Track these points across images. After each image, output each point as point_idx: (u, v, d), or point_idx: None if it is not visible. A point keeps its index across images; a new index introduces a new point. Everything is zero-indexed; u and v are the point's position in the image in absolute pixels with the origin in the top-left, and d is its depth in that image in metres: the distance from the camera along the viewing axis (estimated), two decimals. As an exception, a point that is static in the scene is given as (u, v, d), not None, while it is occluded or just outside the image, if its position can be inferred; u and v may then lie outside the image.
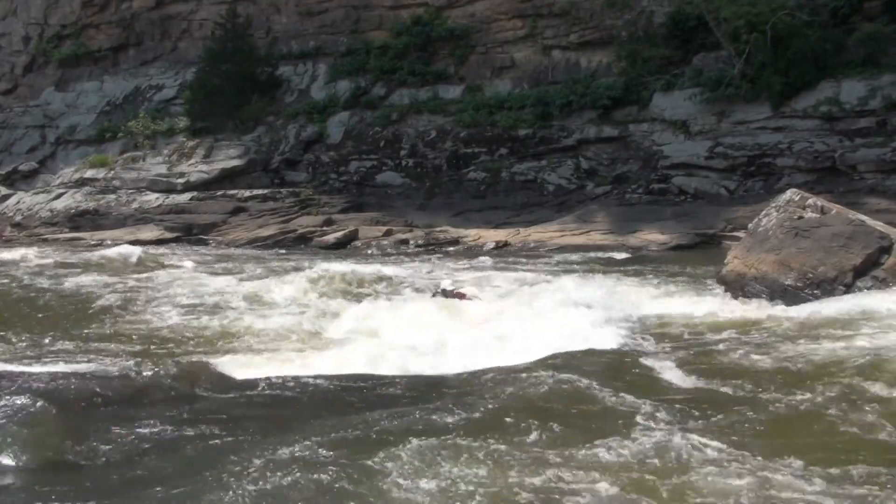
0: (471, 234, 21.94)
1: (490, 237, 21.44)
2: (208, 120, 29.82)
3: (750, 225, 11.98)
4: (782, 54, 22.37)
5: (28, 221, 27.10)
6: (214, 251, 21.57)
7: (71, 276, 15.01)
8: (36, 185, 30.93)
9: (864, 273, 9.99)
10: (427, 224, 23.29)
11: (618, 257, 18.00)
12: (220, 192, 26.35)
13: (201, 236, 23.74)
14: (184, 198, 26.39)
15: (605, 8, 26.52)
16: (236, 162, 27.79)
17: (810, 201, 11.18)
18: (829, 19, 23.20)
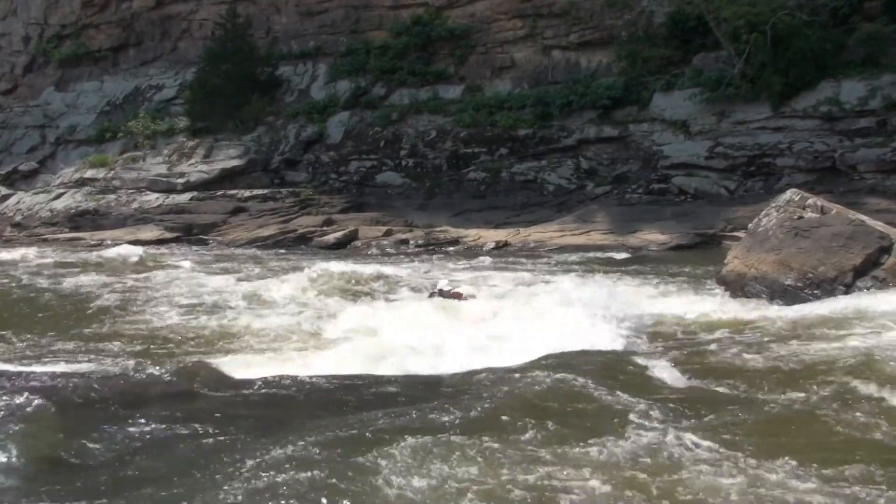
0: (471, 234, 21.92)
1: (490, 237, 21.42)
2: (208, 120, 29.81)
3: (750, 225, 11.98)
4: (782, 54, 22.35)
5: (28, 221, 27.08)
6: (214, 251, 21.57)
7: (70, 276, 15.01)
8: (36, 185, 30.92)
9: (864, 273, 9.99)
10: (427, 224, 23.27)
11: (618, 257, 17.95)
12: (220, 192, 26.34)
13: (201, 236, 23.72)
14: (184, 198, 26.38)
15: (605, 8, 26.50)
16: (236, 162, 27.78)
17: (810, 201, 11.18)
18: (829, 19, 23.17)
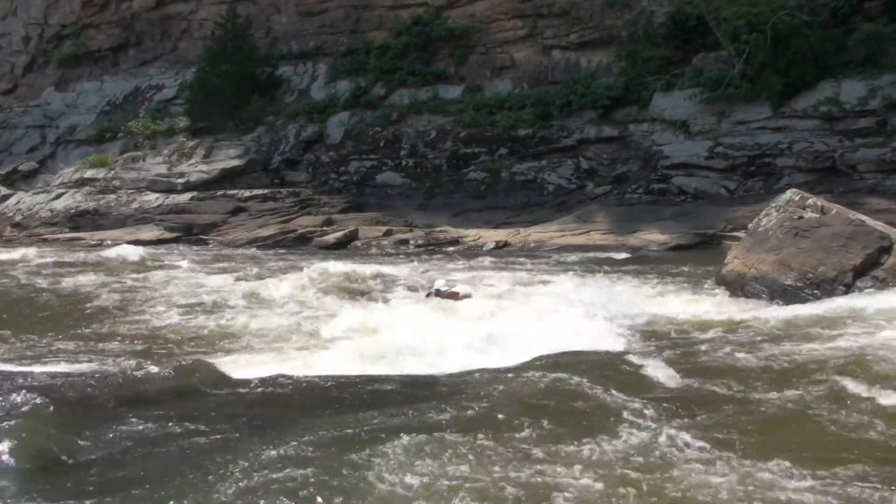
0: (471, 234, 21.92)
1: (490, 237, 21.42)
2: (208, 120, 29.81)
3: (750, 225, 11.99)
4: (782, 54, 22.34)
5: (28, 221, 27.09)
6: (214, 251, 21.59)
7: (70, 276, 15.02)
8: (36, 185, 30.92)
9: (864, 273, 10.01)
10: (427, 224, 23.27)
11: (617, 257, 17.92)
12: (220, 192, 26.33)
13: (201, 236, 23.73)
14: (184, 198, 26.38)
15: (605, 8, 26.48)
16: (236, 162, 27.78)
17: (810, 201, 11.19)
18: (829, 19, 23.16)
